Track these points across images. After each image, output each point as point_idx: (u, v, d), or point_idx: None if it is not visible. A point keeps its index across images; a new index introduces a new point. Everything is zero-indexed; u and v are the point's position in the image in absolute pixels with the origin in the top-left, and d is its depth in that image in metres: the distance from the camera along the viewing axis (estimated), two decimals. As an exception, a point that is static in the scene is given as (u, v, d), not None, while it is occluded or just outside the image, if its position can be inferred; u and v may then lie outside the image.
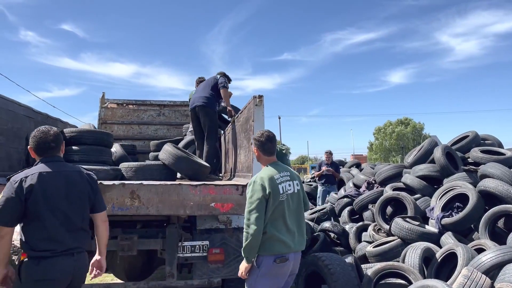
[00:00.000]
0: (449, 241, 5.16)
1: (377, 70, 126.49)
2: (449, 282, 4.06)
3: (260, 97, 3.99)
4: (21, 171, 2.85)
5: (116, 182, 3.85)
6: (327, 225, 7.15)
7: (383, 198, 6.53)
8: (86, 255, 2.87)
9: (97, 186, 2.96)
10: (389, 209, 6.67)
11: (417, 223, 5.69)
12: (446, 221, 5.44)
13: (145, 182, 3.91)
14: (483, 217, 5.27)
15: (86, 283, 3.12)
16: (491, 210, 5.28)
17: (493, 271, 3.98)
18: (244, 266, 3.13)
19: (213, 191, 3.83)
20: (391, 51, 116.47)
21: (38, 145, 2.82)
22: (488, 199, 5.63)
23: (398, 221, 5.64)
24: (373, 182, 8.02)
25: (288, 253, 3.11)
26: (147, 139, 7.97)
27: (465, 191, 5.68)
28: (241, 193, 3.82)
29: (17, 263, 2.95)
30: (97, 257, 2.95)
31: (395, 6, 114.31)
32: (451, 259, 4.64)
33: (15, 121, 4.17)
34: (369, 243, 6.08)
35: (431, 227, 5.66)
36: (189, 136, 6.94)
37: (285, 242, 3.08)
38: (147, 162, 5.62)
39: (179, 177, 5.10)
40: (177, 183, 3.92)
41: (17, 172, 2.87)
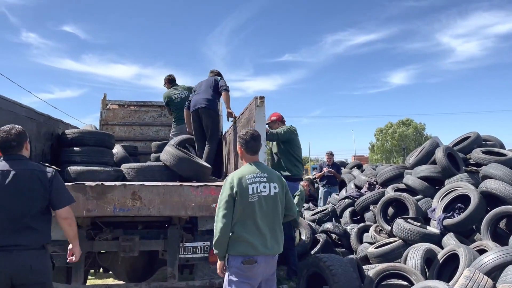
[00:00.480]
0: (450, 242, 5.15)
1: (378, 71, 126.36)
2: (451, 283, 4.05)
3: (261, 98, 3.99)
4: None
5: (117, 183, 3.86)
6: (328, 226, 7.15)
7: (385, 199, 6.52)
8: (35, 253, 2.82)
9: (52, 183, 2.90)
10: (390, 210, 6.67)
11: (419, 224, 5.68)
12: (447, 222, 5.44)
13: (146, 183, 3.91)
14: (485, 218, 5.26)
15: (88, 284, 3.13)
16: (492, 211, 5.27)
17: (495, 272, 3.98)
18: (218, 263, 3.18)
19: (215, 192, 3.83)
20: (392, 52, 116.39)
21: (0, 144, 2.90)
22: (489, 200, 5.62)
23: (399, 222, 5.63)
24: (375, 183, 8.01)
25: (256, 256, 3.02)
26: (148, 140, 7.96)
27: (466, 192, 5.67)
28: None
29: None
30: (69, 246, 3.12)
31: (396, 7, 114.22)
32: (452, 260, 4.63)
33: (17, 122, 4.15)
34: (371, 244, 6.08)
35: (433, 228, 5.65)
36: (171, 136, 6.96)
37: (253, 244, 3.01)
38: (149, 163, 5.62)
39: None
40: (178, 184, 3.92)
41: None
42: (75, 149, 4.90)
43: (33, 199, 2.84)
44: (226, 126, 6.59)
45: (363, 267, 5.09)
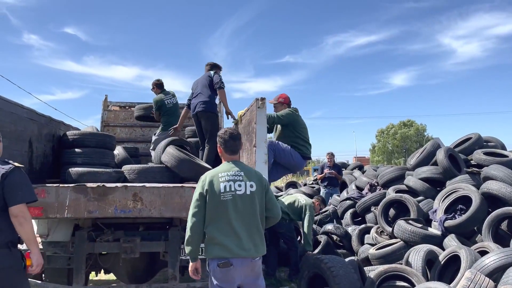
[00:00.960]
0: (452, 243, 5.15)
1: (379, 72, 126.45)
2: (452, 284, 4.05)
3: (262, 99, 3.99)
4: None
5: (119, 184, 3.86)
6: (329, 227, 7.15)
7: (386, 200, 6.52)
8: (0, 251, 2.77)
9: (5, 180, 2.80)
10: (392, 212, 6.66)
11: (420, 225, 5.68)
12: (449, 223, 5.43)
13: (147, 184, 3.92)
14: (486, 220, 5.25)
15: (89, 285, 3.08)
16: (494, 212, 5.27)
17: (496, 274, 3.97)
18: (189, 264, 3.07)
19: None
20: (393, 53, 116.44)
21: None
22: (491, 201, 5.62)
23: (401, 224, 5.63)
24: (376, 184, 8.01)
25: (231, 258, 2.86)
26: (149, 141, 7.95)
27: (468, 193, 5.67)
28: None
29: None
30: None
31: (397, 8, 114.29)
32: (454, 261, 4.63)
33: (18, 124, 4.18)
34: (372, 245, 6.07)
35: (434, 230, 5.65)
36: (153, 138, 6.94)
37: (227, 246, 2.87)
38: (150, 164, 5.63)
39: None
40: (179, 185, 3.92)
41: None
42: (77, 150, 4.90)
43: None
44: (227, 125, 6.57)
45: (364, 268, 5.08)
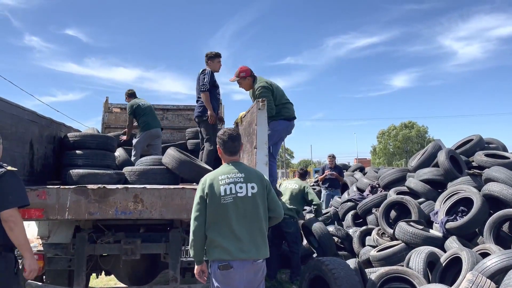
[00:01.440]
0: (453, 245, 5.14)
1: (380, 74, 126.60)
2: (453, 286, 4.04)
3: (263, 101, 3.98)
4: None
5: (119, 186, 3.86)
6: (330, 229, 7.14)
7: (387, 202, 6.51)
8: None
9: None
10: (393, 213, 6.65)
11: (421, 227, 5.67)
12: (450, 225, 5.42)
13: (148, 186, 3.91)
14: (488, 221, 5.24)
15: (90, 286, 3.06)
16: (495, 214, 5.26)
17: (498, 276, 3.96)
18: (195, 267, 3.08)
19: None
20: (394, 55, 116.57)
21: None
22: (492, 203, 5.61)
23: (402, 225, 5.62)
24: (377, 186, 8.00)
25: (231, 260, 2.84)
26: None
27: (469, 195, 5.66)
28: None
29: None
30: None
31: (398, 10, 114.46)
32: (455, 263, 4.62)
33: (19, 126, 4.18)
34: (373, 247, 6.06)
35: (435, 231, 5.64)
36: (134, 141, 6.92)
37: (227, 248, 2.85)
38: (151, 166, 5.63)
39: None
40: (180, 187, 3.92)
41: None
42: (78, 152, 4.90)
43: None
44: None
45: (366, 270, 5.07)
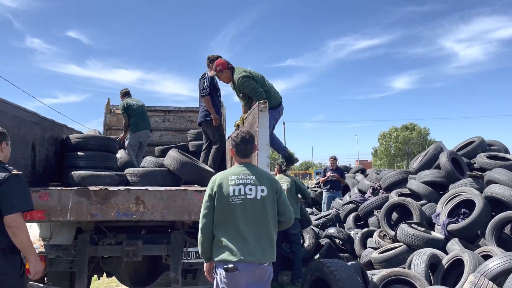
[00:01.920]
0: (455, 247, 5.12)
1: (381, 76, 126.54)
2: (455, 289, 4.03)
3: (264, 102, 3.98)
4: None
5: (121, 187, 3.86)
6: (332, 231, 7.13)
7: (389, 204, 6.50)
8: None
9: (2, 188, 2.78)
10: (394, 215, 6.64)
11: (423, 229, 5.66)
12: (452, 227, 5.41)
13: (150, 187, 3.91)
14: (490, 223, 5.23)
15: (92, 287, 3.06)
16: (497, 216, 5.25)
17: (500, 278, 3.95)
18: (204, 265, 3.11)
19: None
20: (394, 57, 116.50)
21: None
22: (494, 205, 5.59)
23: (403, 227, 5.61)
24: (378, 188, 8.00)
25: (237, 262, 2.81)
26: (151, 145, 7.98)
27: (471, 197, 5.64)
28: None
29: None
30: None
31: (398, 12, 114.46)
32: (457, 265, 4.61)
33: (22, 127, 4.19)
34: (375, 249, 6.05)
35: (437, 233, 5.63)
36: (126, 143, 6.95)
37: (233, 249, 2.82)
38: (152, 167, 5.63)
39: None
40: (181, 188, 3.92)
41: None
42: (79, 153, 4.91)
43: None
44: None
45: (367, 272, 5.07)
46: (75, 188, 3.79)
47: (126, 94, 7.50)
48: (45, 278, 4.36)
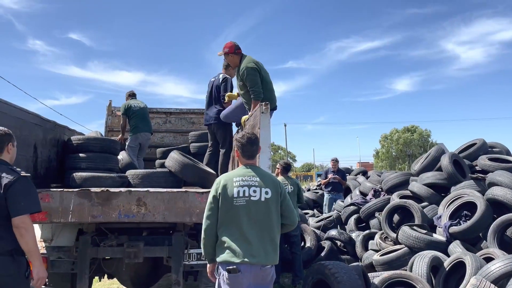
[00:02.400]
0: (457, 249, 5.11)
1: (382, 78, 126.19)
2: (457, 291, 4.02)
3: (266, 104, 3.98)
4: None
5: (122, 189, 3.86)
6: (333, 233, 7.12)
7: (390, 206, 6.49)
8: (1, 259, 2.76)
9: (8, 190, 2.78)
10: (396, 217, 6.63)
11: (425, 231, 5.65)
12: (454, 229, 5.40)
13: (151, 189, 3.92)
14: (492, 226, 5.22)
15: None
16: (499, 218, 5.24)
17: (502, 281, 3.94)
18: (207, 265, 3.11)
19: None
20: (396, 59, 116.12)
21: None
22: (496, 207, 5.58)
23: (405, 230, 5.60)
24: (380, 190, 7.99)
25: (239, 264, 2.80)
26: (153, 146, 7.97)
27: (473, 199, 5.64)
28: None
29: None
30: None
31: (400, 14, 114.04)
32: (459, 268, 4.60)
33: (24, 129, 4.20)
34: (376, 251, 6.04)
35: (439, 236, 5.62)
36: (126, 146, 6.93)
37: (236, 251, 2.81)
38: (154, 169, 5.64)
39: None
40: (183, 190, 3.93)
41: None
42: (81, 155, 4.92)
43: None
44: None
45: (369, 274, 5.06)
46: (77, 189, 3.80)
47: (130, 95, 7.51)
48: (47, 279, 4.37)
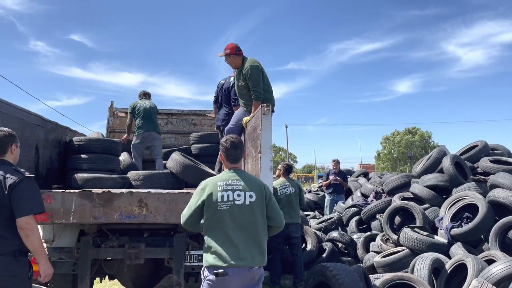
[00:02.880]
0: (458, 252, 5.11)
1: (383, 79, 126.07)
2: (459, 293, 4.01)
3: (267, 106, 3.98)
4: None
5: (124, 190, 3.87)
6: (334, 234, 7.12)
7: (391, 207, 6.48)
8: (3, 259, 2.76)
9: (12, 191, 2.79)
10: (397, 219, 6.63)
11: (426, 233, 5.64)
12: (455, 231, 5.39)
13: (153, 190, 3.92)
14: (493, 228, 5.21)
15: None
16: (501, 220, 5.23)
17: (503, 283, 3.94)
18: None
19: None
20: (397, 60, 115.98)
21: None
22: (498, 209, 5.57)
23: (406, 231, 5.59)
24: (381, 191, 7.98)
25: (227, 267, 2.80)
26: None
27: (474, 201, 5.63)
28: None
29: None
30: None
31: (401, 16, 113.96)
32: (460, 270, 4.59)
33: (25, 130, 4.21)
34: (377, 253, 6.03)
35: (440, 238, 5.61)
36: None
37: (222, 255, 2.82)
38: (155, 170, 5.64)
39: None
40: (184, 191, 3.93)
41: None
42: (82, 156, 4.93)
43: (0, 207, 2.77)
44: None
45: (370, 276, 5.05)
46: (78, 190, 3.80)
47: (140, 95, 7.55)
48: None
